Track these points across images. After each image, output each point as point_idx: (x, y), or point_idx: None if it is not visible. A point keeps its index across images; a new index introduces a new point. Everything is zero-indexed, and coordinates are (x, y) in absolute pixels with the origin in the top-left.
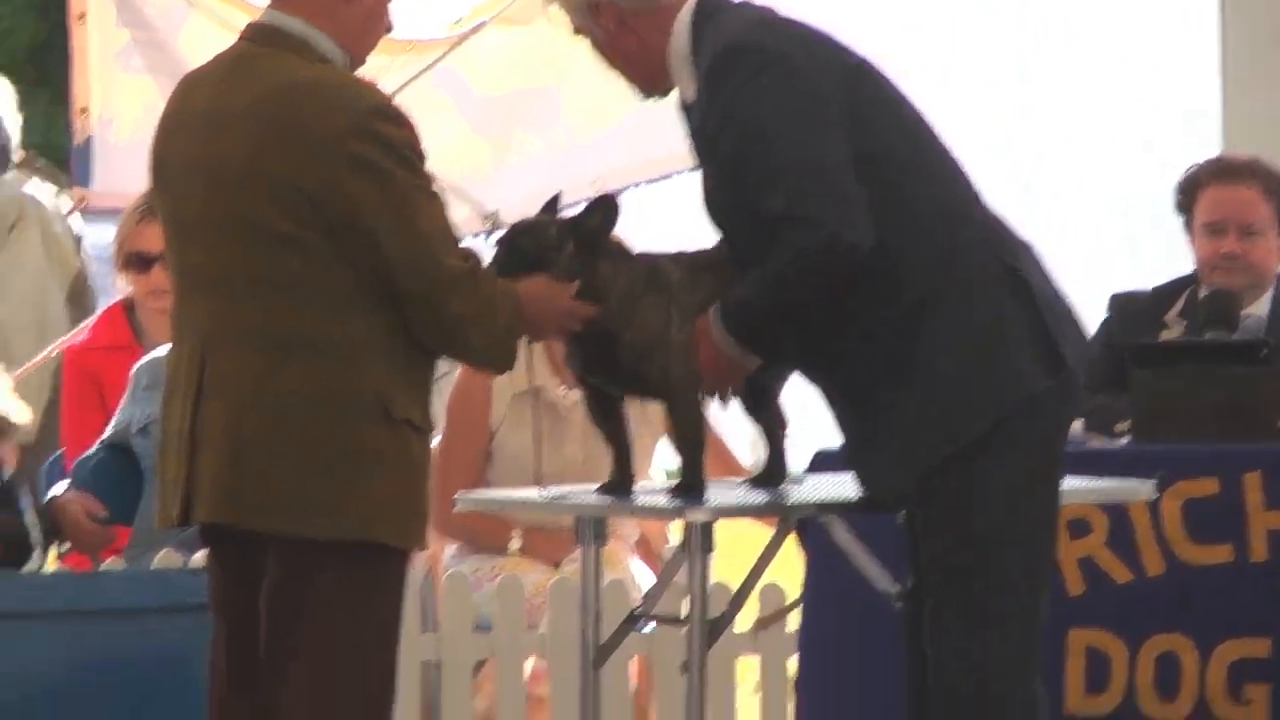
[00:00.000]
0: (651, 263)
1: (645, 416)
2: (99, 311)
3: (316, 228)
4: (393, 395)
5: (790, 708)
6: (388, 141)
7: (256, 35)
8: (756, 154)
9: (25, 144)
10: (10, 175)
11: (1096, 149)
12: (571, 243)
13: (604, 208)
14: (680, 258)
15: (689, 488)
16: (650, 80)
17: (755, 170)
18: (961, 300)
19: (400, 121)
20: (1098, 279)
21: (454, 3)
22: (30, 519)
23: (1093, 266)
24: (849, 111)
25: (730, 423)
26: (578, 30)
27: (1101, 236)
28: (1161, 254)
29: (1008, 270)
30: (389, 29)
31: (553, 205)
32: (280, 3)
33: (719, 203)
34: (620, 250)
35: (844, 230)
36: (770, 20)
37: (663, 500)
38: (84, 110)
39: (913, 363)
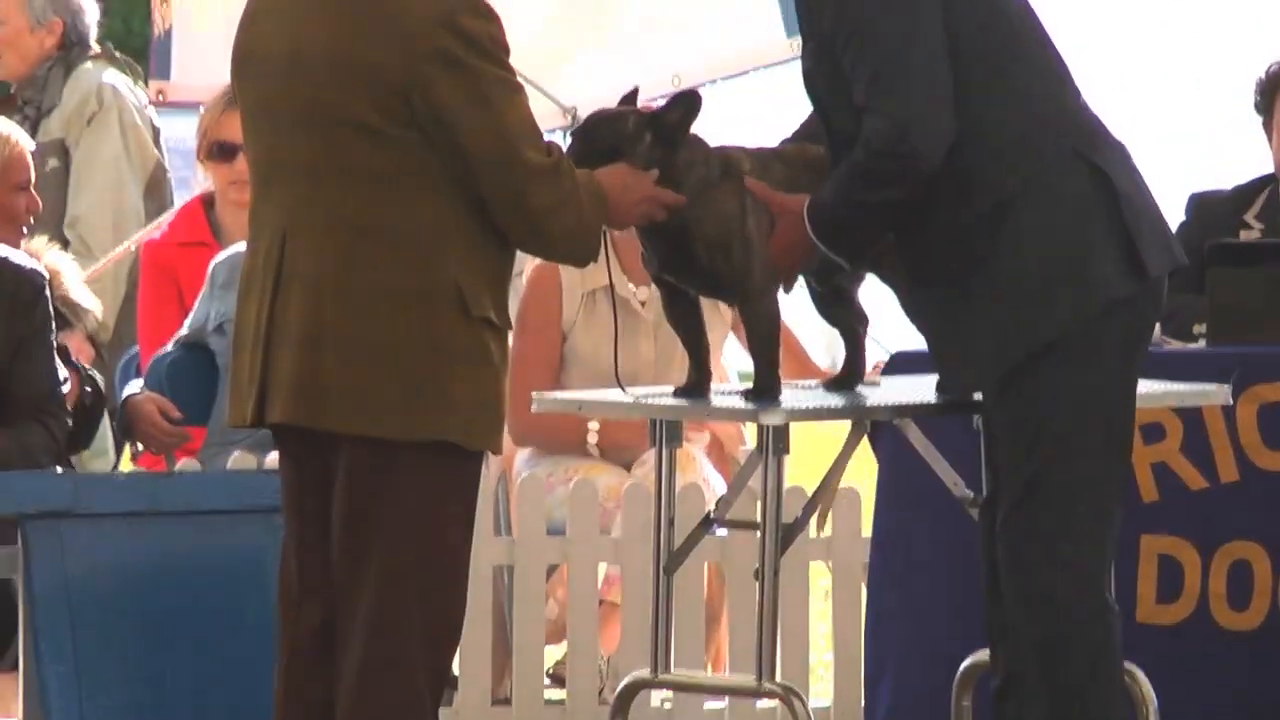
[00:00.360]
0: (724, 153)
1: (715, 310)
2: (177, 206)
3: (400, 119)
4: (472, 291)
5: (863, 613)
6: (472, 35)
7: None
8: (850, 38)
9: (107, 34)
10: (89, 65)
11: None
12: (649, 135)
13: (686, 102)
14: (749, 150)
15: (763, 390)
16: None
17: (848, 54)
18: (1044, 201)
19: (486, 14)
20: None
21: None
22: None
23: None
24: (950, 8)
25: (805, 323)
26: None
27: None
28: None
29: (1094, 172)
30: None
31: (631, 98)
32: None
33: (817, 81)
34: (696, 141)
35: (916, 126)
36: None
37: (738, 402)
38: (165, 0)
39: (994, 263)
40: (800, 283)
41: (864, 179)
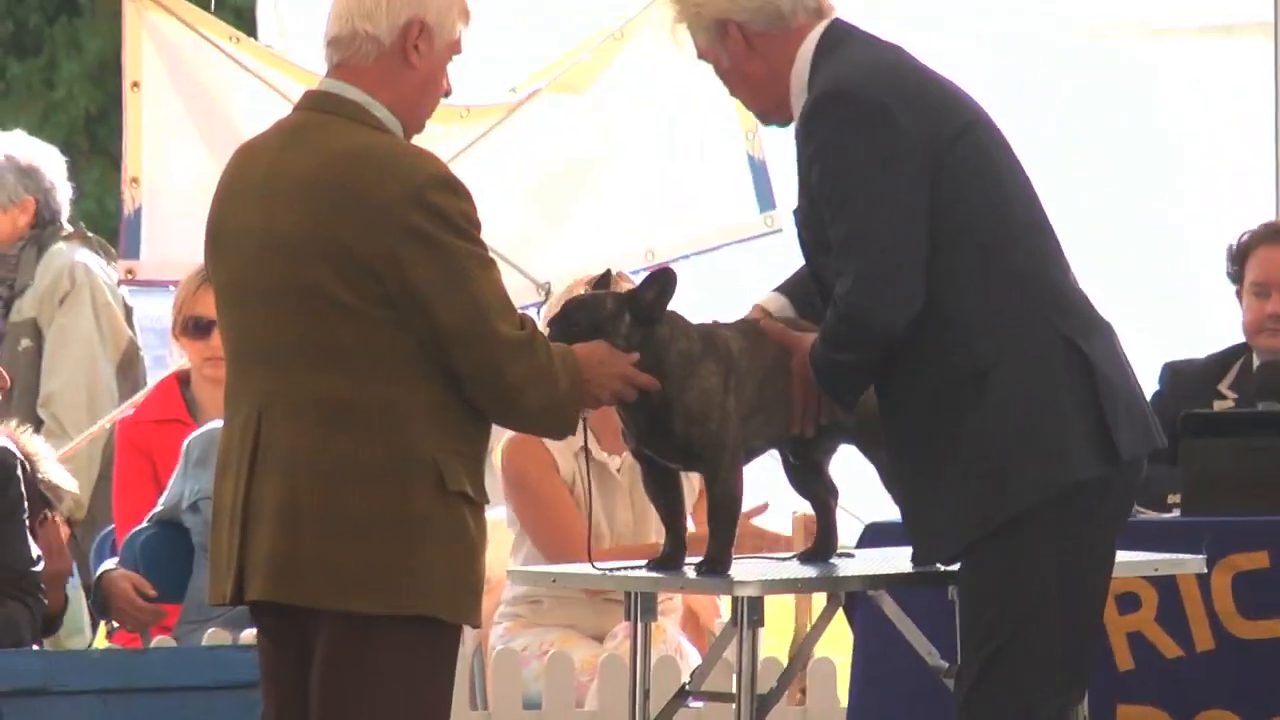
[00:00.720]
0: (707, 329)
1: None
2: (152, 384)
3: (373, 297)
4: (448, 465)
5: None
6: (444, 212)
7: (314, 103)
8: (831, 197)
9: (80, 214)
10: (61, 245)
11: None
12: (628, 314)
13: (661, 280)
14: (737, 326)
15: (715, 563)
16: (772, 107)
17: (828, 211)
18: (1017, 376)
19: (457, 191)
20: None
21: (509, 70)
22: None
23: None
24: (938, 174)
25: (782, 493)
26: (701, 55)
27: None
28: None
29: (1072, 351)
30: (447, 93)
31: (605, 281)
32: (338, 70)
33: (806, 236)
34: (674, 317)
35: (875, 295)
36: (884, 64)
37: (693, 575)
38: (134, 180)
39: (964, 434)
40: (775, 455)
41: (832, 338)
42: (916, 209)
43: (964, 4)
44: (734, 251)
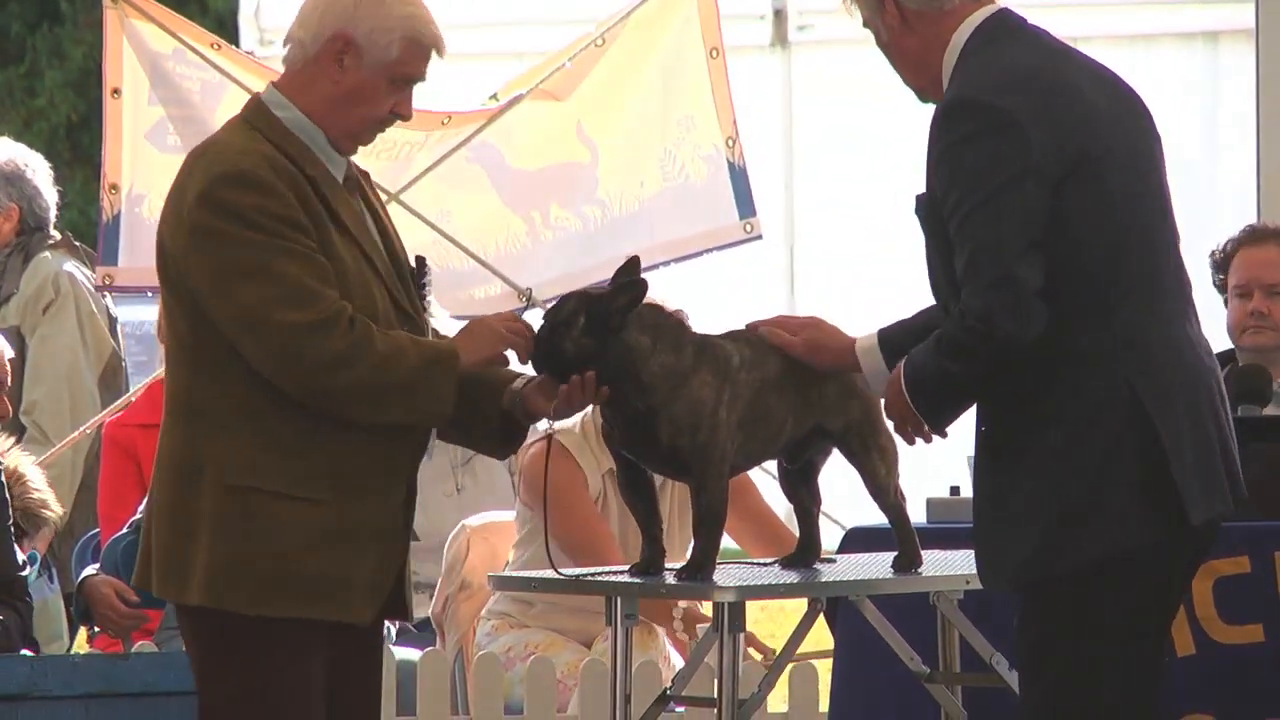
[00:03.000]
0: (704, 340)
1: (686, 500)
2: (140, 386)
3: (182, 291)
4: (237, 459)
5: None
6: (232, 207)
7: (245, 107)
8: (956, 211)
9: (63, 222)
10: (47, 254)
11: None
12: (583, 318)
13: (629, 288)
14: (740, 336)
15: (697, 568)
16: (928, 84)
17: (953, 222)
18: (1079, 428)
19: (249, 185)
20: None
21: (490, 76)
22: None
23: None
24: (1056, 196)
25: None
26: (866, 23)
27: None
28: None
29: (1136, 409)
30: (402, 117)
31: (633, 267)
32: (282, 73)
33: (925, 228)
34: (671, 325)
35: (1000, 317)
36: (1026, 71)
37: (674, 580)
38: (114, 187)
39: (1031, 473)
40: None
41: (949, 345)
42: (1039, 226)
43: None
44: (715, 258)
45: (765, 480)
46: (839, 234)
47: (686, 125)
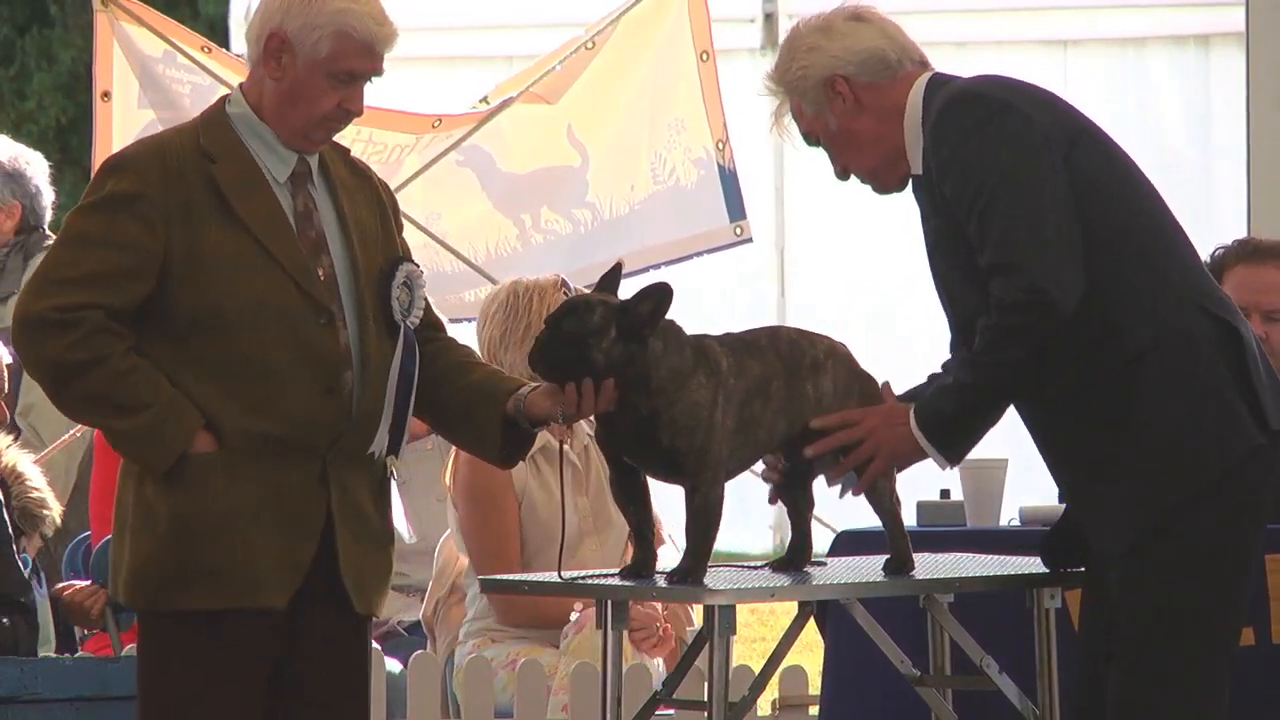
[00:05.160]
0: (700, 342)
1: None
2: None
3: None
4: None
5: None
6: (95, 189)
7: (210, 105)
8: (976, 200)
9: (52, 224)
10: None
11: None
12: (615, 328)
13: (656, 295)
14: (726, 340)
15: (687, 572)
16: (887, 164)
17: (974, 218)
18: (1178, 353)
19: (106, 169)
20: None
21: (480, 80)
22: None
23: None
24: (1068, 164)
25: (751, 499)
26: (807, 130)
27: None
28: None
29: (1221, 325)
30: (352, 113)
31: (614, 276)
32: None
33: (938, 260)
34: (671, 329)
35: (1047, 282)
36: (1001, 78)
37: (664, 582)
38: None
39: (1132, 416)
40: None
41: (994, 338)
42: (1063, 191)
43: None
44: (705, 261)
45: (747, 479)
46: (829, 237)
47: (677, 128)
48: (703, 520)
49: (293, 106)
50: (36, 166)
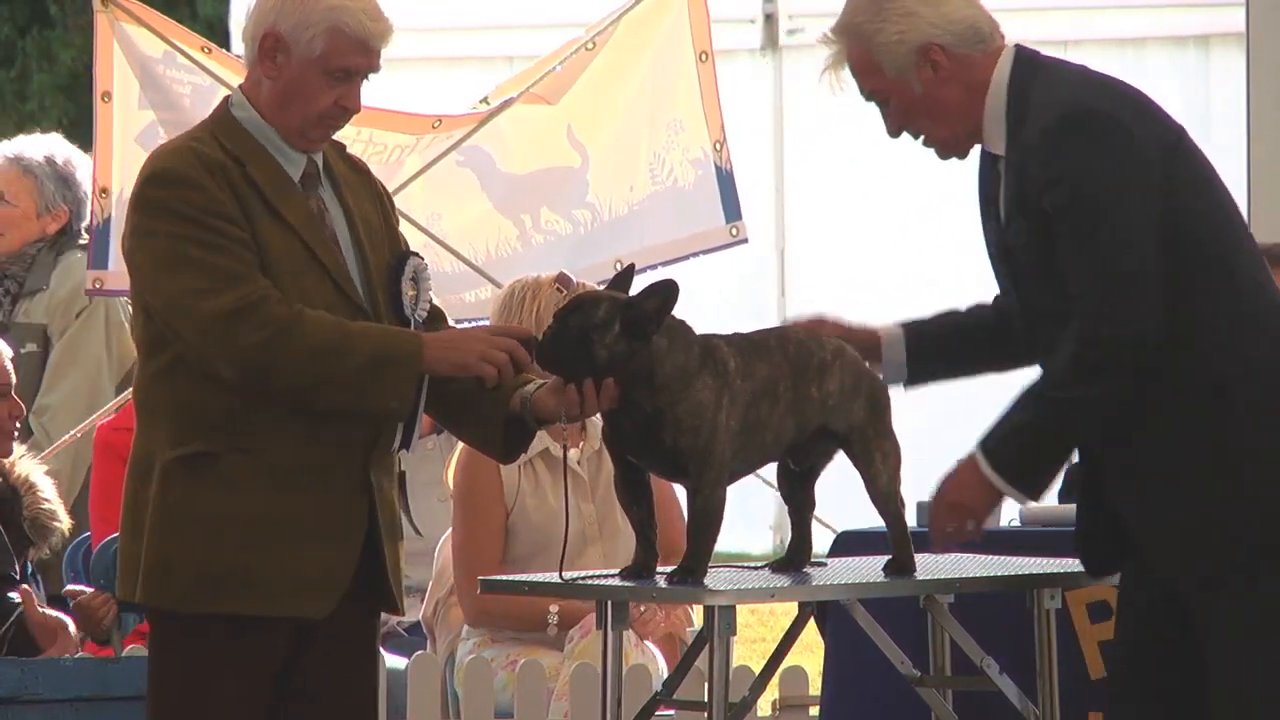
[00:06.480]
0: (707, 341)
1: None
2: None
3: (135, 292)
4: (171, 455)
5: None
6: (157, 204)
7: (214, 109)
8: (1081, 225)
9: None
10: (79, 255)
11: None
12: (618, 324)
13: (662, 292)
14: (734, 340)
15: (689, 572)
16: (962, 136)
17: (1070, 239)
18: (1260, 389)
19: (169, 181)
20: None
21: (480, 80)
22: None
23: None
24: (1167, 185)
25: (752, 499)
26: (878, 90)
27: None
28: None
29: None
30: (349, 110)
31: (626, 277)
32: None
33: (1019, 256)
34: (679, 328)
35: (1134, 321)
36: (1101, 81)
37: (663, 584)
38: (104, 191)
39: (1208, 452)
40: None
41: (1072, 371)
42: (1155, 227)
43: None
44: (705, 261)
45: (751, 481)
46: (829, 237)
47: (675, 129)
48: (704, 521)
49: (290, 105)
50: (84, 171)
